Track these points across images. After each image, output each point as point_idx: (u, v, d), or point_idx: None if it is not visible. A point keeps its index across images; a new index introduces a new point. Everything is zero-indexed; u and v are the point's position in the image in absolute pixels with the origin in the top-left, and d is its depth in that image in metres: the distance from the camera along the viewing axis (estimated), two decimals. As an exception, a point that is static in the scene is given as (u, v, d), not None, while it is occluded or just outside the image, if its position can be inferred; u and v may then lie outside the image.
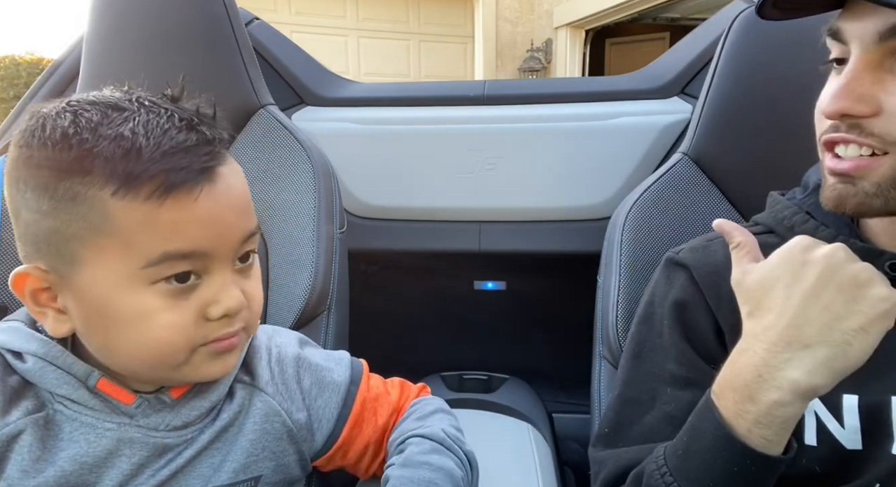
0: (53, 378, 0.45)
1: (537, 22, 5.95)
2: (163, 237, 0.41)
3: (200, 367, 0.46)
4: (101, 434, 0.46)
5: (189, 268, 0.43)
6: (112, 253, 0.41)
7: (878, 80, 0.43)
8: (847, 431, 0.46)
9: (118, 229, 0.40)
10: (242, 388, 0.53)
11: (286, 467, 0.54)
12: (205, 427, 0.50)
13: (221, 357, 0.47)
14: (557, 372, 1.28)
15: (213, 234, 0.43)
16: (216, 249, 0.44)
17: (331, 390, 0.57)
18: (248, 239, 0.46)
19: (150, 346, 0.43)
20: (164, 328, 0.42)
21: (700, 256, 0.56)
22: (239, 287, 0.46)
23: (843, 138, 0.45)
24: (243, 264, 0.47)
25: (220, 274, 0.44)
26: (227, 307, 0.44)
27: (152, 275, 0.42)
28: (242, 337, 0.48)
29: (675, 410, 0.51)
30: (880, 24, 0.42)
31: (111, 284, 0.42)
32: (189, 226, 0.42)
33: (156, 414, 0.48)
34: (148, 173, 0.40)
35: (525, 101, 1.14)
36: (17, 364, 0.46)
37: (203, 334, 0.44)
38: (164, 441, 0.48)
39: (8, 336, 0.47)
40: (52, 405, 0.46)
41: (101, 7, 0.82)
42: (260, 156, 0.84)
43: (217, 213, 0.43)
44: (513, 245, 1.13)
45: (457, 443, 0.56)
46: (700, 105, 0.80)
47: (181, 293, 0.43)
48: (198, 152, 0.42)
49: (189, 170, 0.41)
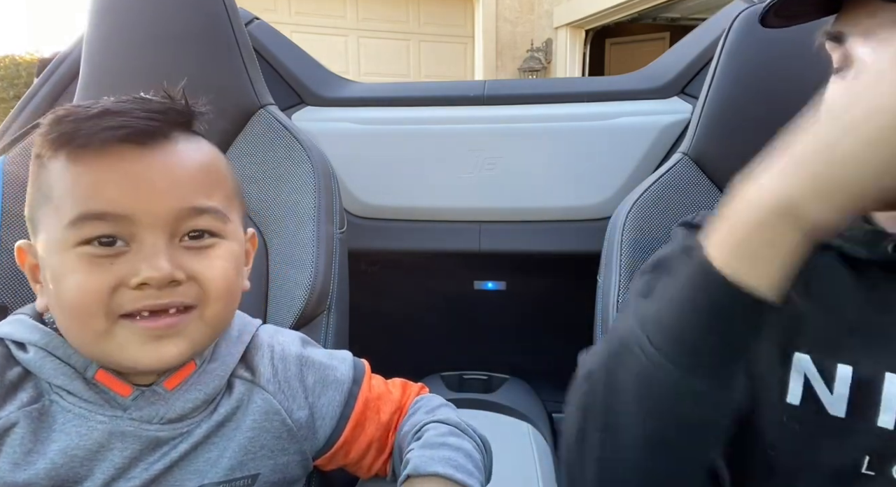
0: (51, 368, 0.46)
1: (537, 22, 5.95)
2: (82, 197, 0.42)
3: (128, 347, 0.44)
4: (93, 427, 0.46)
5: (109, 231, 0.42)
6: (50, 217, 0.44)
7: None
8: (834, 397, 0.47)
9: (53, 191, 0.43)
10: (242, 384, 0.53)
11: (285, 466, 0.54)
12: (201, 422, 0.50)
13: (155, 342, 0.44)
14: (557, 372, 1.27)
15: (136, 199, 0.43)
16: (140, 215, 0.43)
17: (334, 388, 0.57)
18: (192, 214, 0.45)
19: (67, 308, 0.43)
20: (76, 289, 0.42)
21: None
22: (179, 262, 0.44)
23: None
24: (192, 242, 0.46)
25: (151, 244, 0.43)
26: (147, 276, 0.42)
27: (74, 237, 0.42)
28: (191, 326, 0.46)
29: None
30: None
31: (48, 247, 0.44)
32: (107, 186, 0.42)
33: (149, 406, 0.48)
34: (72, 132, 0.42)
35: (525, 101, 1.14)
36: (19, 354, 0.47)
37: (124, 303, 0.43)
38: (157, 434, 0.48)
39: (13, 327, 0.48)
40: (49, 395, 0.47)
41: (100, 7, 0.82)
42: (260, 157, 0.84)
43: (143, 177, 0.43)
44: (513, 245, 1.13)
45: (471, 428, 0.57)
46: (700, 105, 0.80)
47: (103, 257, 0.43)
48: (130, 115, 0.43)
49: (113, 129, 0.42)
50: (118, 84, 0.81)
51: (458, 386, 1.15)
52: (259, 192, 0.82)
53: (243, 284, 0.52)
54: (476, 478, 0.51)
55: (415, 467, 0.49)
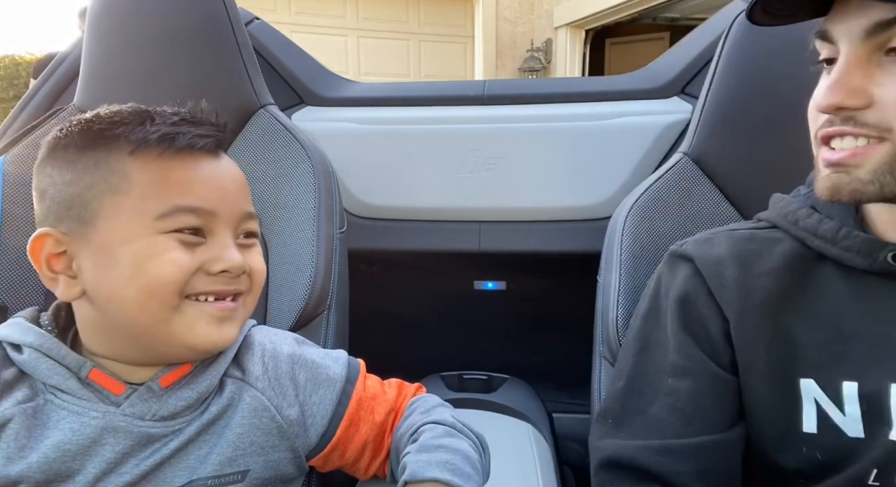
0: (45, 368, 0.48)
1: (537, 22, 5.95)
2: (173, 192, 0.48)
3: (196, 325, 0.48)
4: (86, 423, 0.47)
5: (197, 223, 0.48)
6: (129, 208, 0.47)
7: (868, 74, 0.45)
8: (848, 418, 0.46)
9: (134, 185, 0.47)
10: (232, 383, 0.54)
11: (276, 463, 0.54)
12: (193, 420, 0.51)
13: (221, 323, 0.49)
14: (557, 372, 1.28)
15: (218, 197, 0.49)
16: (220, 212, 0.49)
17: (326, 386, 0.57)
18: (248, 218, 0.52)
19: (148, 281, 0.46)
20: (167, 262, 0.46)
21: (704, 248, 0.57)
22: (242, 256, 0.50)
23: (840, 131, 0.46)
24: (245, 240, 0.52)
25: (223, 237, 0.49)
26: (229, 263, 0.48)
27: (164, 226, 0.47)
28: (240, 310, 0.51)
29: (675, 401, 0.52)
30: (865, 22, 0.44)
31: (127, 234, 0.47)
32: (196, 185, 0.49)
33: (142, 403, 0.49)
34: (159, 134, 0.47)
35: (525, 101, 1.14)
36: (14, 355, 0.49)
37: (198, 285, 0.48)
38: (149, 430, 0.49)
39: (9, 330, 0.50)
40: (44, 394, 0.48)
41: (100, 7, 0.82)
42: (260, 156, 0.84)
43: (221, 180, 0.51)
44: (513, 245, 1.13)
45: (467, 427, 0.57)
46: (700, 105, 0.80)
47: (189, 244, 0.48)
48: (202, 127, 0.50)
49: (195, 135, 0.49)
50: (118, 84, 0.81)
51: (458, 386, 1.14)
52: (259, 192, 0.82)
53: None
54: (474, 480, 0.51)
55: (412, 473, 0.50)
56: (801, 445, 0.48)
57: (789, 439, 0.48)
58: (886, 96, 0.44)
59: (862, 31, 0.44)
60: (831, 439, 0.47)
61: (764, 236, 0.55)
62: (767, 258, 0.53)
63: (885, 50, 0.44)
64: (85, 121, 0.48)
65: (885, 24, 0.43)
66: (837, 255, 0.51)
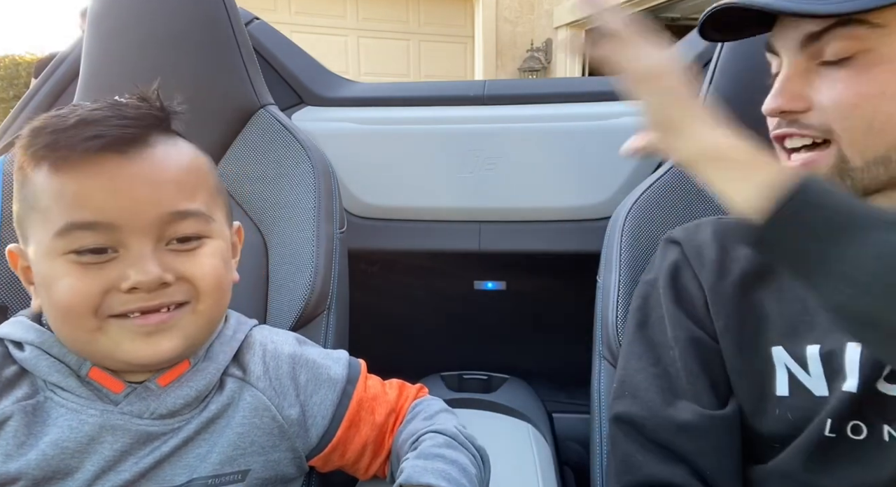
0: (46, 365, 0.48)
1: (537, 22, 5.94)
2: (68, 207, 0.44)
3: (122, 343, 0.46)
4: (84, 420, 0.47)
5: (98, 240, 0.44)
6: (38, 226, 0.45)
7: (807, 81, 0.50)
8: (813, 378, 0.50)
9: (39, 201, 0.45)
10: (233, 382, 0.54)
11: (277, 463, 0.54)
12: (192, 418, 0.51)
13: (149, 337, 0.46)
14: (557, 372, 1.28)
15: (120, 206, 0.44)
16: (126, 223, 0.44)
17: (327, 387, 0.57)
18: (176, 219, 0.47)
19: (58, 310, 0.45)
20: (65, 290, 0.44)
21: (690, 233, 0.63)
22: (168, 265, 0.46)
23: (787, 132, 0.52)
24: (180, 245, 0.48)
25: (138, 248, 0.45)
26: (136, 281, 0.44)
27: (62, 246, 0.44)
28: (184, 321, 0.48)
29: (673, 369, 0.56)
30: (798, 34, 0.49)
31: (38, 255, 0.46)
32: (92, 196, 0.44)
33: (140, 402, 0.49)
34: (52, 144, 0.43)
35: (525, 101, 1.14)
36: (16, 353, 0.49)
37: (115, 305, 0.45)
38: (147, 429, 0.49)
39: (12, 327, 0.50)
40: (44, 392, 0.48)
41: (100, 7, 0.82)
42: (260, 157, 0.84)
43: (125, 185, 0.45)
44: (513, 245, 1.13)
45: (469, 439, 0.57)
46: (700, 105, 0.80)
47: (92, 264, 0.44)
48: (107, 123, 0.44)
49: (90, 139, 0.43)
50: (118, 84, 0.80)
51: (458, 385, 1.14)
52: (259, 192, 0.82)
53: (233, 276, 0.54)
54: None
55: (407, 477, 0.50)
56: (774, 408, 0.51)
57: (765, 403, 0.52)
58: (823, 100, 0.49)
59: (797, 43, 0.50)
60: (800, 399, 0.50)
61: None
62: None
63: (819, 61, 0.49)
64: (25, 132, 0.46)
65: (815, 35, 0.48)
66: None
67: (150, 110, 0.48)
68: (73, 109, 0.45)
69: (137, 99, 0.48)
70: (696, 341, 0.56)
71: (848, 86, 0.47)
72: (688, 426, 0.52)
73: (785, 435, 0.51)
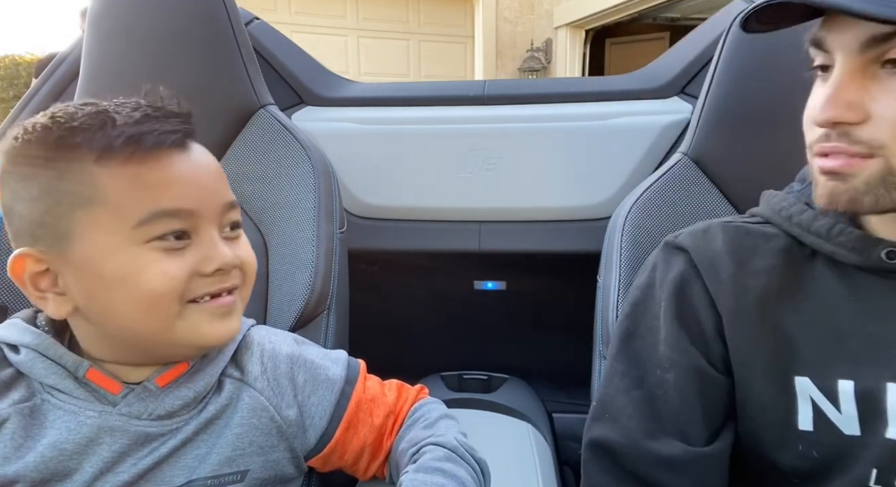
0: (42, 368, 0.48)
1: (537, 22, 5.94)
2: (149, 197, 0.45)
3: (200, 326, 0.48)
4: (82, 422, 0.47)
5: (179, 226, 0.46)
6: (105, 219, 0.44)
7: (864, 88, 0.44)
8: (844, 416, 0.46)
9: (106, 195, 0.44)
10: (231, 382, 0.54)
11: (276, 463, 0.54)
12: (190, 419, 0.51)
13: (224, 317, 0.49)
14: (557, 372, 1.28)
15: (196, 195, 0.47)
16: (201, 209, 0.47)
17: (325, 387, 0.57)
18: (229, 208, 0.50)
19: (143, 297, 0.45)
20: (158, 276, 0.45)
21: (700, 240, 0.56)
22: (231, 250, 0.49)
23: (834, 148, 0.46)
24: (231, 232, 0.51)
25: (209, 234, 0.48)
26: (222, 261, 0.47)
27: (144, 234, 0.45)
28: (238, 303, 0.51)
29: (661, 392, 0.52)
30: (861, 34, 0.43)
31: (108, 247, 0.45)
32: (172, 185, 0.46)
33: (139, 403, 0.49)
34: (124, 137, 0.44)
35: (525, 101, 1.14)
36: (12, 356, 0.48)
37: (196, 288, 0.47)
38: (146, 430, 0.49)
39: (7, 330, 0.50)
40: (41, 394, 0.48)
41: (100, 7, 0.82)
42: (260, 156, 0.84)
43: (196, 176, 0.48)
44: (513, 245, 1.13)
45: (469, 452, 0.56)
46: (700, 105, 0.80)
47: (175, 250, 0.46)
48: (167, 121, 0.47)
49: (162, 132, 0.46)
50: (118, 84, 0.81)
51: (458, 385, 1.14)
52: (259, 192, 0.82)
53: None
54: None
55: None
56: (797, 443, 0.48)
57: (786, 437, 0.48)
58: (881, 112, 0.44)
59: (858, 43, 0.44)
60: (828, 437, 0.47)
61: (758, 231, 0.55)
62: (762, 255, 0.53)
63: (881, 61, 0.44)
64: (41, 127, 0.45)
65: (882, 38, 0.42)
66: (831, 251, 0.50)
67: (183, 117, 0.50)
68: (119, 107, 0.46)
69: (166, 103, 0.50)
70: (697, 370, 0.52)
71: None
72: (671, 461, 0.49)
73: (808, 473, 0.48)
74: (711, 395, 0.52)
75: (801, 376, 0.48)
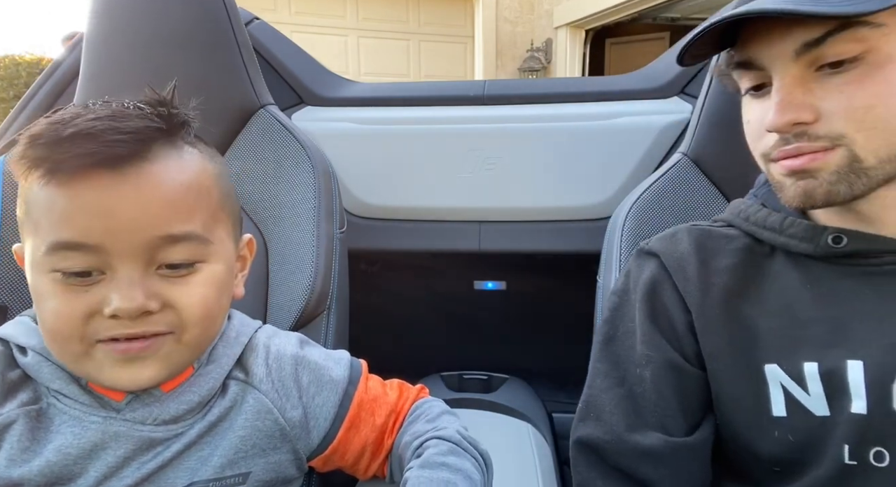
0: (48, 372, 0.47)
1: (537, 22, 5.95)
2: (55, 224, 0.42)
3: (105, 369, 0.44)
4: (87, 427, 0.47)
5: (83, 263, 0.42)
6: (30, 237, 0.44)
7: (808, 90, 0.47)
8: (813, 398, 0.48)
9: (32, 213, 0.43)
10: (236, 384, 0.53)
11: (278, 465, 0.54)
12: (195, 422, 0.50)
13: (129, 364, 0.44)
14: (557, 372, 1.28)
15: (107, 229, 0.42)
16: (113, 245, 0.42)
17: (329, 388, 0.57)
18: (167, 244, 0.44)
19: (46, 330, 0.44)
20: (51, 315, 0.43)
21: (668, 244, 0.60)
22: (155, 291, 0.44)
23: (797, 148, 0.48)
24: (171, 270, 0.45)
25: (126, 272, 0.43)
26: (116, 307, 0.42)
27: (50, 263, 0.42)
28: (166, 347, 0.46)
29: (640, 389, 0.55)
30: (793, 43, 0.47)
31: (30, 265, 0.44)
32: (79, 214, 0.41)
33: (144, 408, 0.48)
34: (44, 158, 0.41)
35: (525, 101, 1.14)
36: (20, 357, 0.48)
37: (96, 329, 0.43)
38: (150, 435, 0.48)
39: (15, 329, 0.49)
40: (47, 398, 0.48)
41: (100, 7, 0.82)
42: (260, 157, 0.84)
43: (115, 206, 0.42)
44: (513, 245, 1.13)
45: (472, 444, 0.56)
46: (700, 105, 0.80)
47: (77, 286, 0.43)
48: (103, 138, 0.41)
49: (81, 155, 0.40)
50: (118, 84, 0.81)
51: (458, 385, 1.15)
52: (259, 192, 0.82)
53: (238, 293, 0.54)
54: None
55: None
56: (773, 429, 0.50)
57: (762, 424, 0.50)
58: (830, 108, 0.46)
59: (792, 51, 0.47)
60: (801, 420, 0.48)
61: (720, 233, 0.59)
62: (724, 254, 0.57)
63: (815, 67, 0.47)
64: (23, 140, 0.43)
65: (813, 43, 0.46)
66: (784, 243, 0.54)
67: (153, 122, 0.44)
68: (72, 116, 0.42)
69: (146, 103, 0.45)
70: (671, 364, 0.54)
71: (859, 89, 0.46)
72: (651, 452, 0.51)
73: (788, 459, 0.49)
74: (688, 388, 0.54)
75: (770, 364, 0.50)
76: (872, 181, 0.47)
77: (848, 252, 0.51)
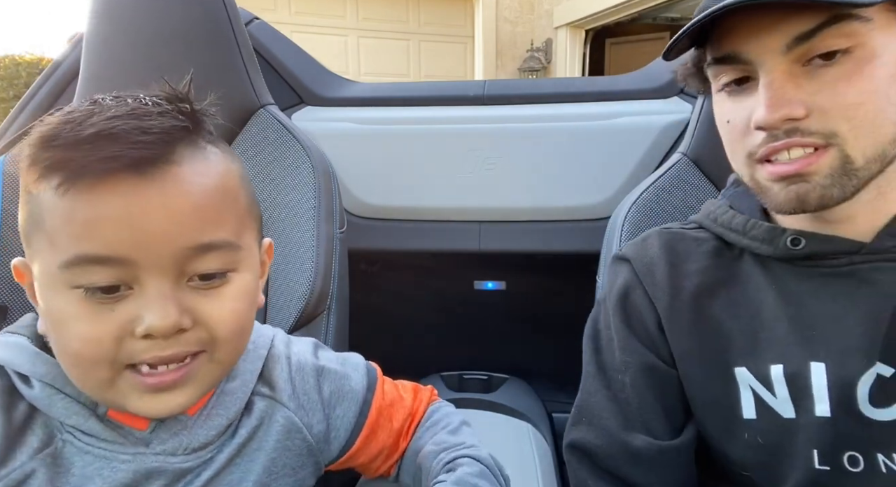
0: (62, 407, 0.42)
1: (537, 22, 5.94)
2: (77, 236, 0.37)
3: (130, 398, 0.40)
4: (117, 468, 0.43)
5: (111, 279, 0.37)
6: (44, 249, 0.38)
7: (798, 85, 0.46)
8: (779, 400, 0.49)
9: (45, 223, 0.38)
10: (262, 400, 0.50)
11: (303, 480, 0.53)
12: (223, 446, 0.47)
13: (160, 394, 0.40)
14: (557, 372, 1.28)
15: (135, 240, 0.37)
16: (142, 258, 0.37)
17: (349, 399, 0.56)
18: (198, 253, 0.40)
19: (69, 355, 0.39)
20: (77, 339, 0.38)
21: (639, 250, 0.61)
22: (187, 306, 0.39)
23: (787, 143, 0.47)
24: (203, 282, 0.41)
25: (156, 287, 0.38)
26: (149, 325, 0.37)
27: (70, 279, 0.37)
28: (201, 370, 0.42)
29: (623, 395, 0.56)
30: (786, 36, 0.45)
31: (44, 282, 0.39)
32: (103, 226, 0.37)
33: (172, 438, 0.45)
34: (63, 162, 0.36)
35: (525, 101, 1.14)
36: (24, 389, 0.42)
37: (128, 353, 0.39)
38: (182, 466, 0.45)
39: (14, 354, 0.43)
40: (62, 434, 0.43)
41: (100, 7, 0.82)
42: (260, 157, 0.84)
43: (142, 214, 0.37)
44: (513, 245, 1.13)
45: (500, 469, 0.55)
46: (699, 105, 0.80)
47: (104, 303, 0.38)
48: (127, 140, 0.36)
49: (105, 159, 0.36)
50: (118, 84, 0.81)
51: (458, 385, 1.15)
52: (259, 192, 0.81)
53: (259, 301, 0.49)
54: None
55: None
56: (743, 431, 0.50)
57: (733, 427, 0.51)
58: (823, 104, 0.45)
59: (784, 44, 0.45)
60: (769, 423, 0.49)
61: (691, 236, 0.59)
62: (694, 258, 0.57)
63: (803, 61, 0.46)
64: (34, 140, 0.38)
65: (806, 35, 0.44)
66: (747, 245, 0.54)
67: (177, 120, 0.40)
68: (87, 114, 0.38)
69: (165, 99, 0.41)
70: (648, 367, 0.55)
71: (849, 85, 0.45)
72: (639, 456, 0.52)
73: (757, 461, 0.49)
74: (667, 390, 0.55)
75: (740, 367, 0.51)
76: (860, 182, 0.47)
77: (807, 253, 0.50)
